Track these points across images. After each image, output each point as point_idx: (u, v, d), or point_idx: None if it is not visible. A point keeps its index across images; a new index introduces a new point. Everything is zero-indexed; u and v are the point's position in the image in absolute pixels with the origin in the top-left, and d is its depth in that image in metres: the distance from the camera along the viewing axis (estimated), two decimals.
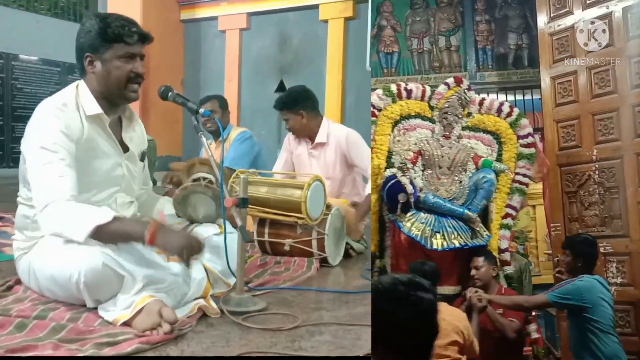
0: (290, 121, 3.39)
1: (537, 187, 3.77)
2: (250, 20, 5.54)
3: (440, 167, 3.37)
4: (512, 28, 5.50)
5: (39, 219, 1.87)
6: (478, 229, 3.22)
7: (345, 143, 3.31)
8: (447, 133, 3.41)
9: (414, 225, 3.18)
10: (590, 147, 3.24)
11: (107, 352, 1.54)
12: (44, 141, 1.88)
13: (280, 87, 5.23)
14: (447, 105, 3.42)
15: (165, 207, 2.36)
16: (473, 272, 3.02)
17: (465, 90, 3.47)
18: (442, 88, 3.50)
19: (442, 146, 3.41)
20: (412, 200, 3.14)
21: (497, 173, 3.30)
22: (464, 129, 3.48)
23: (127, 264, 1.76)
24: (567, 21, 3.40)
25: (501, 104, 3.49)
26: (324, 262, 2.85)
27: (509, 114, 3.45)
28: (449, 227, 3.17)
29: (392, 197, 3.14)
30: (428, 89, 3.54)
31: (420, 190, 3.32)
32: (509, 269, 3.31)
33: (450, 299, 3.01)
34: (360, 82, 4.97)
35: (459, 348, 2.36)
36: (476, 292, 2.88)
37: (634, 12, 3.12)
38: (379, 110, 3.37)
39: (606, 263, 3.09)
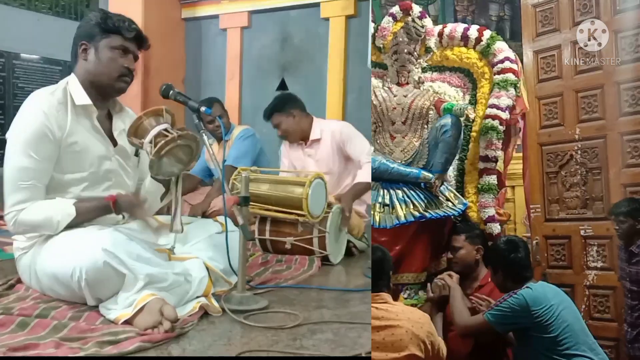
0: (283, 124, 3.38)
1: (516, 167, 3.35)
2: (251, 18, 5.53)
3: (393, 123, 2.72)
4: None
5: (5, 218, 1.95)
6: (447, 196, 2.62)
7: (339, 134, 3.31)
8: (402, 79, 2.78)
9: None
10: (572, 126, 3.07)
11: (109, 350, 1.53)
12: (25, 140, 1.92)
13: (282, 86, 5.22)
14: (394, 42, 2.76)
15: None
16: (449, 254, 2.50)
17: (417, 19, 2.81)
18: (386, 21, 2.84)
19: (395, 96, 2.74)
20: None
21: (460, 117, 2.59)
22: (424, 70, 2.85)
23: (128, 262, 1.76)
24: None
25: (466, 29, 2.84)
26: (325, 260, 2.85)
27: (478, 40, 2.81)
28: (402, 197, 2.56)
29: None
30: (370, 26, 2.91)
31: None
32: None
33: (413, 290, 2.61)
34: (362, 80, 4.95)
35: None
36: (449, 275, 2.35)
37: None
38: None
39: (586, 246, 2.96)
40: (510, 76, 2.76)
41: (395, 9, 2.85)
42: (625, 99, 2.91)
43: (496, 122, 2.70)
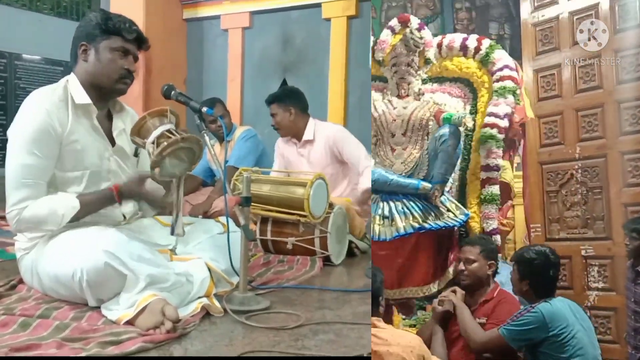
0: (278, 116, 3.41)
1: (516, 186, 3.27)
2: (252, 19, 5.53)
3: (393, 135, 2.71)
4: (494, 17, 5.08)
5: (7, 216, 1.95)
6: (448, 206, 2.57)
7: (333, 139, 3.32)
8: (403, 91, 2.76)
9: None
10: (573, 145, 3.03)
11: (111, 351, 1.53)
12: (27, 138, 1.91)
13: (283, 86, 5.22)
14: (394, 55, 2.75)
15: None
16: (461, 266, 2.40)
17: (415, 30, 2.76)
18: (385, 35, 2.79)
19: (395, 108, 2.73)
20: None
21: (458, 126, 2.59)
22: (424, 81, 2.82)
23: (129, 263, 1.76)
24: (551, 11, 3.16)
25: (464, 39, 2.82)
26: (327, 260, 2.85)
27: (477, 50, 2.79)
28: (401, 208, 2.55)
29: None
30: (369, 40, 2.97)
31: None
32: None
33: (417, 305, 2.60)
34: (363, 80, 4.95)
35: None
36: (453, 291, 2.32)
37: (622, 4, 2.94)
38: None
39: (587, 267, 2.91)
40: (509, 83, 2.72)
41: (394, 22, 2.81)
42: (625, 118, 2.90)
43: (494, 131, 2.66)
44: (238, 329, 1.80)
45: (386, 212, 2.54)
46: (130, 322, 1.72)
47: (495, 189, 2.71)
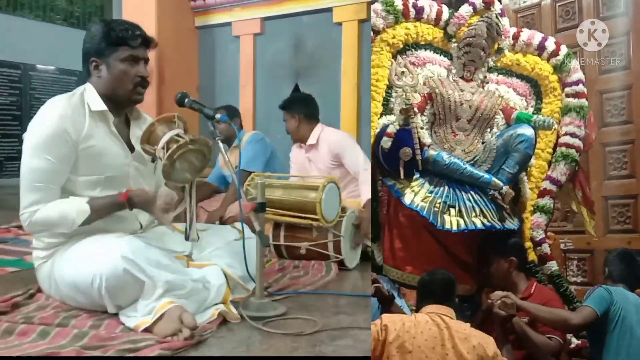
0: (287, 123, 3.53)
1: None
2: (264, 25, 5.54)
3: (457, 119, 2.51)
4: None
5: (20, 218, 1.97)
6: (507, 208, 2.41)
7: (334, 144, 3.33)
8: (468, 74, 2.57)
9: (418, 195, 2.37)
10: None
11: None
12: (39, 142, 1.93)
13: (295, 91, 5.22)
14: (471, 34, 2.54)
15: None
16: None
17: (498, 16, 2.60)
18: (464, 10, 2.63)
19: (462, 90, 2.53)
20: (419, 158, 2.35)
21: (538, 130, 2.46)
22: (490, 70, 2.65)
23: (147, 269, 1.76)
24: None
25: (544, 39, 2.66)
26: (341, 264, 2.84)
27: (554, 54, 2.65)
28: (469, 200, 2.37)
29: (391, 154, 2.36)
30: (446, 9, 2.64)
31: (428, 146, 2.46)
32: (553, 266, 2.51)
33: (460, 304, 2.33)
34: None
35: None
36: (505, 296, 2.12)
37: None
38: (377, 32, 2.49)
39: (566, 260, 2.89)
40: (585, 102, 2.61)
41: (478, 0, 2.63)
42: (607, 109, 2.86)
43: (574, 152, 2.57)
44: (255, 335, 1.80)
45: (451, 201, 2.36)
46: (148, 330, 1.73)
47: (552, 202, 2.59)
